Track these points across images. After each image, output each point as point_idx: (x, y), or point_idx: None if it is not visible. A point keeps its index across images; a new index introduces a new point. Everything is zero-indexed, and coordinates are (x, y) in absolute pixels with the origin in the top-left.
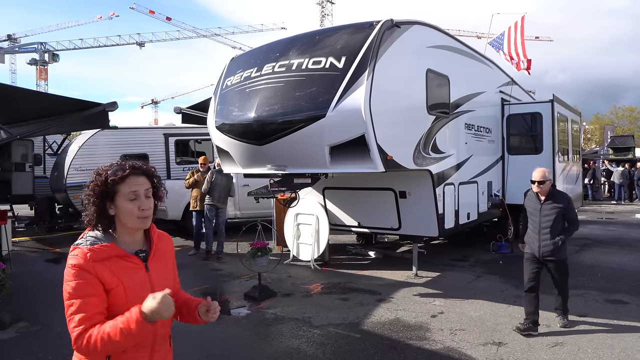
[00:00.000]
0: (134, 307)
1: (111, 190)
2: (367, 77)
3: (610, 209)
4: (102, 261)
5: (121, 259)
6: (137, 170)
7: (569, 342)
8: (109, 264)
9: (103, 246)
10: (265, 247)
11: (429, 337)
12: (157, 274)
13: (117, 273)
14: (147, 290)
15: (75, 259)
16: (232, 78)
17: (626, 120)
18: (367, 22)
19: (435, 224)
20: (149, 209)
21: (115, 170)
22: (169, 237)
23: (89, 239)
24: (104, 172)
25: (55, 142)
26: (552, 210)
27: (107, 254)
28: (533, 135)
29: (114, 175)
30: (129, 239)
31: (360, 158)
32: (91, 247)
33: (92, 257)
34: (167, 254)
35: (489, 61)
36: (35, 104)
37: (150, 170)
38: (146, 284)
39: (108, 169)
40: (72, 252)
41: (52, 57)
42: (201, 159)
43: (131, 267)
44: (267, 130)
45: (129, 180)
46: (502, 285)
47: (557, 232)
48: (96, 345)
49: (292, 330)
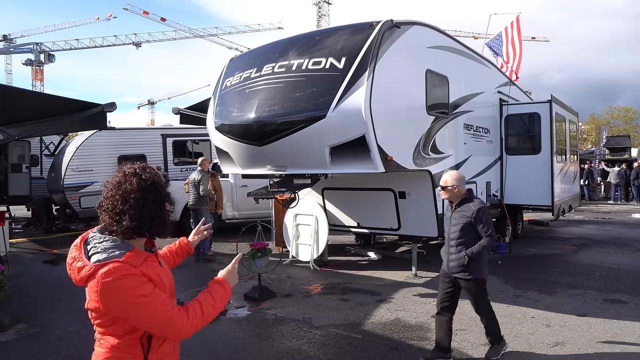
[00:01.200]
0: (214, 280)
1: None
2: (368, 78)
3: (606, 208)
4: (140, 265)
5: (148, 259)
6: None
7: (569, 341)
8: (145, 266)
9: (134, 252)
10: (265, 247)
11: (430, 337)
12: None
13: (153, 271)
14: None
15: (120, 271)
16: (232, 79)
17: (621, 120)
18: (366, 23)
19: (435, 224)
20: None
21: (161, 176)
22: None
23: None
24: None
25: (52, 143)
26: (459, 220)
27: (141, 258)
28: (531, 135)
29: (162, 181)
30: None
31: (361, 158)
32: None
33: (133, 263)
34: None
35: (487, 62)
36: (33, 104)
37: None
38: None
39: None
40: (109, 270)
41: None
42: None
43: (156, 265)
44: (267, 131)
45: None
46: (502, 285)
47: (466, 245)
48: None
49: (293, 331)
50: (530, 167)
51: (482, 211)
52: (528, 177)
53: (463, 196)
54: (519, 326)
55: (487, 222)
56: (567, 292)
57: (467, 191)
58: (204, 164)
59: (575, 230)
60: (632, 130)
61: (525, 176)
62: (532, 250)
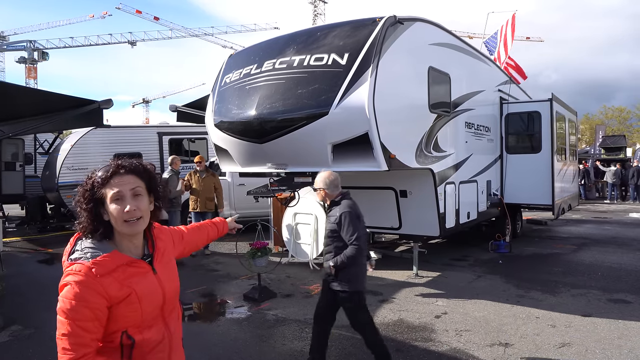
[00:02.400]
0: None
1: (99, 193)
2: (371, 74)
3: (603, 208)
4: (109, 273)
5: (128, 266)
6: (122, 169)
7: (576, 342)
8: (116, 274)
9: (106, 257)
10: (265, 247)
11: (434, 338)
12: (164, 274)
13: (127, 282)
14: (159, 293)
15: (77, 276)
16: (231, 75)
17: (616, 120)
18: (369, 19)
19: (437, 223)
20: (137, 209)
21: (101, 172)
22: (162, 229)
23: (88, 250)
24: (92, 175)
25: (47, 141)
26: (327, 226)
27: (113, 263)
28: (532, 134)
29: (99, 178)
30: (129, 245)
31: (363, 156)
32: (95, 261)
33: (98, 271)
34: (168, 246)
35: (488, 59)
36: (27, 100)
37: (139, 168)
38: (157, 287)
39: (98, 171)
40: (70, 267)
41: (42, 56)
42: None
43: (140, 273)
44: (268, 128)
45: (112, 181)
46: (504, 285)
47: (335, 253)
48: None
49: (294, 331)
50: (530, 166)
51: (345, 216)
52: (528, 176)
53: (335, 199)
54: (524, 326)
55: (350, 229)
56: (570, 291)
57: (339, 194)
58: (174, 163)
59: (573, 229)
60: (625, 130)
61: (525, 175)
62: (532, 249)
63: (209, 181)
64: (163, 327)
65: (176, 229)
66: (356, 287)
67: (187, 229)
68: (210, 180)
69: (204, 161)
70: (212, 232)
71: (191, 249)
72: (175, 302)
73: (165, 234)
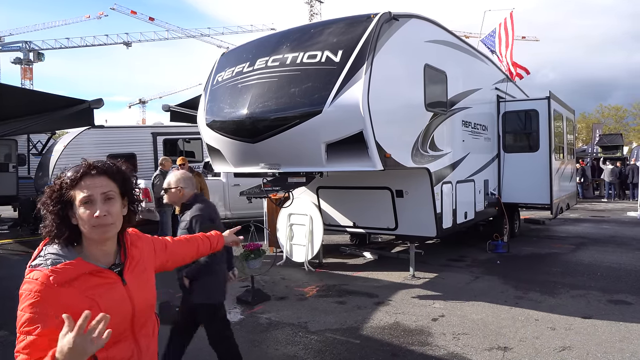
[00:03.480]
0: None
1: (67, 195)
2: (365, 72)
3: (600, 207)
4: (70, 282)
5: (92, 275)
6: (94, 170)
7: (577, 345)
8: (78, 284)
9: (68, 264)
10: (258, 248)
11: (431, 342)
12: (136, 285)
13: (90, 293)
14: (127, 306)
15: (34, 284)
16: (223, 73)
17: (612, 119)
18: (364, 15)
19: (433, 223)
20: (108, 215)
21: (71, 173)
22: (140, 236)
23: (49, 257)
24: (62, 175)
25: (40, 142)
26: (180, 231)
27: (75, 272)
28: (529, 132)
29: (68, 179)
30: (97, 252)
31: (358, 156)
32: (54, 268)
33: (56, 280)
34: (144, 256)
35: (485, 57)
36: (15, 100)
37: (112, 169)
38: (125, 299)
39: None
40: (28, 275)
41: (37, 56)
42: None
43: (105, 284)
44: (261, 127)
45: (82, 183)
46: (502, 286)
47: None
48: None
49: (288, 336)
50: (528, 165)
51: (197, 220)
52: (526, 175)
53: (187, 201)
54: (523, 329)
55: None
56: (570, 292)
57: (192, 195)
58: (164, 164)
59: (571, 228)
60: (622, 128)
61: (523, 174)
62: (530, 249)
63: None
64: (132, 344)
65: (160, 238)
66: (212, 299)
67: (173, 239)
68: (196, 181)
69: (187, 162)
70: (203, 246)
71: (176, 263)
72: (149, 316)
73: (145, 241)
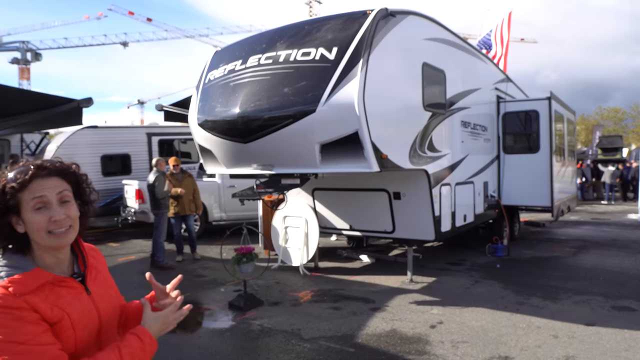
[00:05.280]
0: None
1: (12, 201)
2: (361, 69)
3: (600, 209)
4: (33, 292)
5: (56, 285)
6: (44, 171)
7: (580, 354)
8: (43, 294)
9: (26, 275)
10: (250, 252)
11: (429, 350)
12: (99, 295)
13: (59, 303)
14: (94, 316)
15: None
16: (215, 72)
17: (611, 121)
18: (359, 11)
19: (432, 226)
20: (66, 217)
21: (14, 175)
22: (95, 249)
23: (2, 269)
24: (2, 179)
25: (34, 142)
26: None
27: (36, 282)
28: (530, 133)
29: (13, 182)
30: (50, 260)
31: (353, 157)
32: (11, 279)
33: (17, 290)
34: (102, 269)
35: (485, 57)
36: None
37: (65, 168)
38: (91, 310)
39: (8, 173)
40: None
41: (35, 56)
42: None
43: (71, 293)
44: (253, 127)
45: (32, 185)
46: (502, 291)
47: None
48: None
49: (280, 344)
50: (528, 166)
51: None
52: (526, 177)
53: None
54: (525, 337)
55: None
56: (572, 298)
57: None
58: (159, 164)
59: (572, 231)
60: (621, 130)
61: (523, 176)
62: (531, 252)
63: (188, 183)
64: None
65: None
66: None
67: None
68: (189, 182)
69: (180, 163)
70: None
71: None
72: (114, 329)
73: (100, 255)
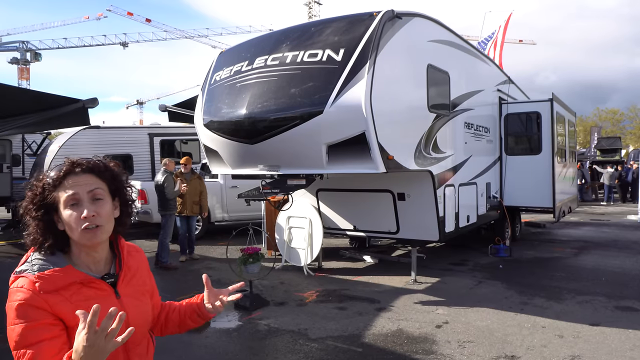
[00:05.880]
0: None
1: (50, 197)
2: (368, 71)
3: (600, 210)
4: (58, 291)
5: (83, 286)
6: (78, 167)
7: (586, 354)
8: (68, 294)
9: (56, 271)
10: (257, 252)
11: (436, 350)
12: (130, 299)
13: (80, 304)
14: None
15: (20, 293)
16: (221, 73)
17: (609, 122)
18: (366, 13)
19: (436, 227)
20: (96, 215)
21: (53, 172)
22: (139, 250)
23: (36, 262)
24: (43, 177)
25: (35, 142)
26: None
27: (64, 280)
28: (532, 135)
29: (49, 179)
30: (87, 259)
31: (360, 158)
32: (40, 274)
33: (42, 287)
34: (140, 271)
35: (487, 58)
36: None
37: (99, 166)
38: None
39: (49, 170)
40: (13, 283)
41: (35, 56)
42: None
43: (97, 296)
44: (260, 128)
45: (66, 182)
46: (506, 291)
47: None
48: None
49: (287, 344)
50: (530, 167)
51: None
52: (528, 178)
53: None
54: (530, 337)
55: None
56: (575, 298)
57: None
58: (168, 165)
59: (572, 232)
60: (619, 132)
61: (525, 177)
62: (532, 253)
63: (195, 184)
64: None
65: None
66: None
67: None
68: (197, 183)
69: (190, 163)
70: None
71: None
72: (143, 333)
73: (143, 257)
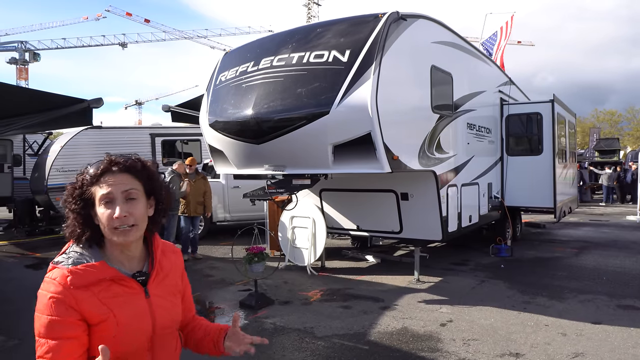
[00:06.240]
0: None
1: (88, 193)
2: (374, 72)
3: (599, 210)
4: (88, 287)
5: (114, 282)
6: (115, 166)
7: (589, 352)
8: (97, 289)
9: (89, 267)
10: (262, 252)
11: (441, 348)
12: (160, 300)
13: (108, 301)
14: (147, 321)
15: (52, 285)
16: (227, 73)
17: (607, 123)
18: (371, 14)
19: (439, 227)
20: (129, 215)
21: (92, 168)
22: (175, 251)
23: (72, 255)
24: (84, 171)
25: (36, 142)
26: None
27: (95, 276)
28: (533, 136)
29: (88, 175)
30: (120, 256)
31: (365, 158)
32: (74, 269)
33: (73, 282)
34: (173, 272)
35: (489, 60)
36: (13, 99)
37: (136, 165)
38: (145, 314)
39: (90, 166)
40: (49, 273)
41: (33, 57)
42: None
43: (126, 294)
44: (266, 128)
45: (103, 179)
46: (508, 290)
47: None
48: None
49: (294, 342)
50: (531, 168)
51: None
52: (529, 179)
53: None
54: (534, 335)
55: None
56: (577, 297)
57: None
58: (178, 167)
59: (572, 232)
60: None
61: (526, 177)
62: (533, 253)
63: (199, 185)
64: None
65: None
66: None
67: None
68: (201, 184)
69: (195, 164)
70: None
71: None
72: (172, 335)
73: (179, 258)
